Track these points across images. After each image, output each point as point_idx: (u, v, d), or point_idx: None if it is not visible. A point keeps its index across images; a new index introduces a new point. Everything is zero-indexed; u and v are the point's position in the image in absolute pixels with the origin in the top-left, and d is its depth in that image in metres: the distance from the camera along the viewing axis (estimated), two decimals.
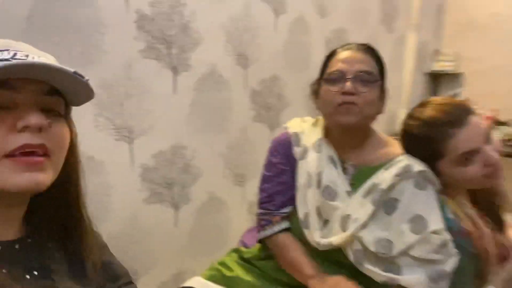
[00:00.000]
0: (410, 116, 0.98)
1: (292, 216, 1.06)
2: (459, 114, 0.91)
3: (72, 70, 0.52)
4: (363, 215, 0.95)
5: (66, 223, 0.63)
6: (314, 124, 1.13)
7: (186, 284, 1.12)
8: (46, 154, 0.53)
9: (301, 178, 1.04)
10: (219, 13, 1.46)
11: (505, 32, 2.61)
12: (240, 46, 1.56)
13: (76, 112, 0.61)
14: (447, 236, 0.90)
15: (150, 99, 1.29)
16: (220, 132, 1.54)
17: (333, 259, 1.01)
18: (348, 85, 0.93)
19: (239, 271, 1.12)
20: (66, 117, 0.59)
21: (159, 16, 1.28)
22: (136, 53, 1.24)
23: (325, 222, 1.01)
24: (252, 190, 1.61)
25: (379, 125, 1.05)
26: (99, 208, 1.22)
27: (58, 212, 0.62)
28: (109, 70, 1.18)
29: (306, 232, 1.01)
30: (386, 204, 0.95)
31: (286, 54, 1.74)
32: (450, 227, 0.91)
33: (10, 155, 0.50)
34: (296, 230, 1.05)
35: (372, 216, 0.95)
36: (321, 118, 1.13)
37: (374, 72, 0.97)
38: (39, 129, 0.51)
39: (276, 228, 1.05)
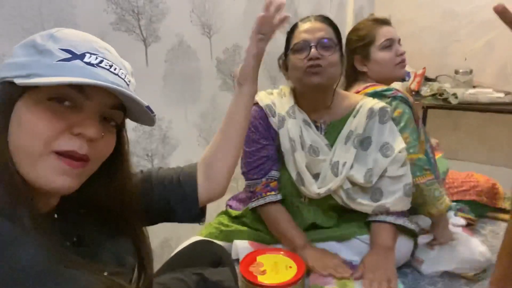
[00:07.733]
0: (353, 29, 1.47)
1: (282, 180, 1.17)
2: (384, 19, 1.41)
3: (145, 104, 0.56)
4: (350, 158, 1.11)
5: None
6: (281, 94, 1.23)
7: (187, 243, 1.18)
8: (86, 160, 0.56)
9: (286, 144, 1.14)
10: None
11: None
12: (203, 16, 1.57)
13: None
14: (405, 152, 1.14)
15: None
16: (193, 102, 1.58)
17: (325, 205, 1.16)
18: (313, 51, 1.05)
19: (235, 226, 1.22)
20: (120, 127, 0.63)
21: None
22: (108, 25, 1.22)
23: (315, 175, 1.14)
24: None
25: None
26: None
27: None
28: None
29: (303, 188, 1.13)
30: (362, 143, 1.13)
31: (245, 23, 1.79)
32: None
33: (57, 152, 0.53)
34: (288, 189, 1.16)
35: (355, 156, 1.12)
36: (285, 87, 1.24)
37: (333, 38, 1.09)
38: (91, 140, 0.55)
39: (266, 199, 1.14)
